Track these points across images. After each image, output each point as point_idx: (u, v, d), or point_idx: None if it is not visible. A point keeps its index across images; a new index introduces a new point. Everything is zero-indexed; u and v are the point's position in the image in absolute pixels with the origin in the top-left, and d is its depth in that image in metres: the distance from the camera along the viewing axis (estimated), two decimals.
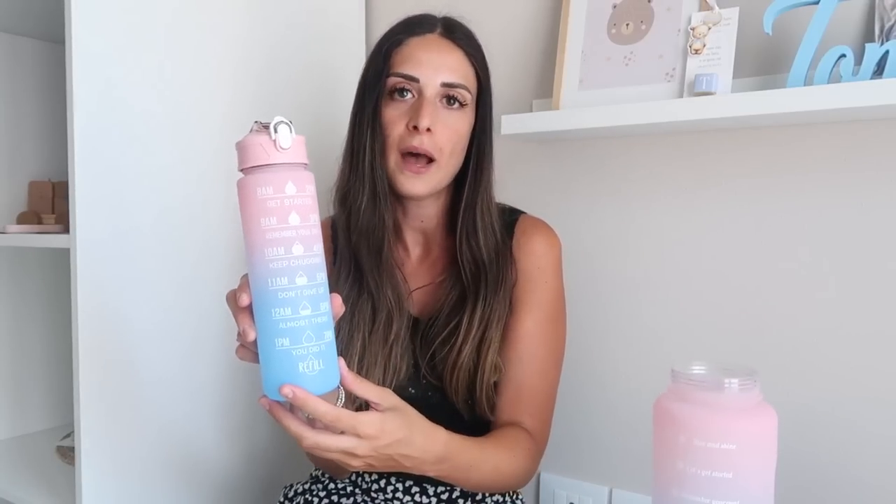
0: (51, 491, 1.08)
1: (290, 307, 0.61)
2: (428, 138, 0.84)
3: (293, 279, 0.61)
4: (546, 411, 0.92)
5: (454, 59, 0.87)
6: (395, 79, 0.86)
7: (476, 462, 0.79)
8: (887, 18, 0.86)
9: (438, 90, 0.86)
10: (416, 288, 0.93)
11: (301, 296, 0.61)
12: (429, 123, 0.83)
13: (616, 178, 1.10)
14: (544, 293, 0.91)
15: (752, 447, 0.64)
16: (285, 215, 0.61)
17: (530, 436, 0.89)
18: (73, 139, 0.90)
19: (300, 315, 0.61)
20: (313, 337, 0.62)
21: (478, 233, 0.89)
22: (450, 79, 0.86)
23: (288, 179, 0.61)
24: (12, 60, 1.38)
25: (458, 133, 0.87)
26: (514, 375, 0.89)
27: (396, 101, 0.87)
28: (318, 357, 0.62)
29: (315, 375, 0.62)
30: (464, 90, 0.87)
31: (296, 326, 0.61)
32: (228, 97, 1.09)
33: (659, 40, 1.00)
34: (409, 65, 0.86)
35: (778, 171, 0.97)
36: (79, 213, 0.91)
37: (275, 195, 0.61)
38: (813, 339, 0.96)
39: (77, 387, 0.92)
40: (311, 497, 0.94)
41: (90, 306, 0.93)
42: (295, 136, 0.61)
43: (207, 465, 1.10)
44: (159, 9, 0.99)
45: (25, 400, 1.42)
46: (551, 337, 0.92)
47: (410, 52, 0.87)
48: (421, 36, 0.88)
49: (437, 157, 0.86)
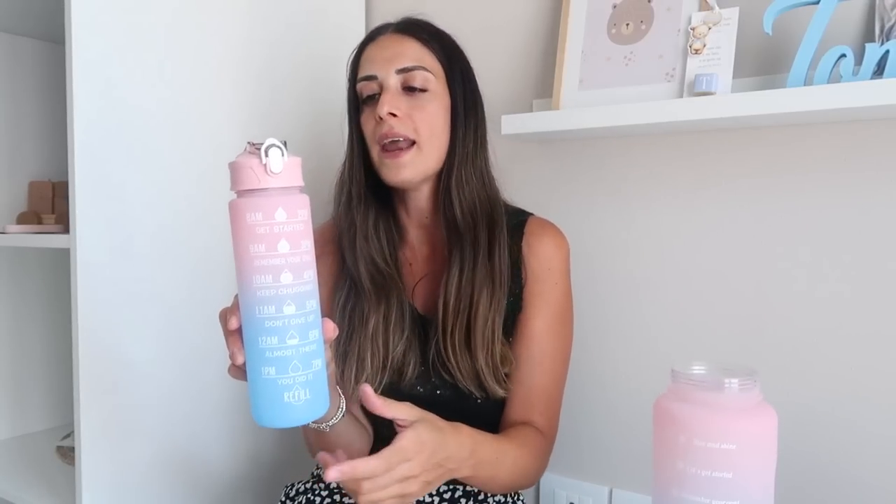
0: (51, 491, 1.08)
1: (277, 336, 0.60)
2: (397, 122, 0.87)
3: (280, 308, 0.60)
4: (555, 409, 0.94)
5: (406, 47, 0.90)
6: (360, 84, 0.91)
7: (499, 455, 0.82)
8: (887, 18, 0.86)
9: (396, 79, 0.88)
10: (417, 280, 0.95)
11: (289, 325, 0.60)
12: (388, 108, 0.86)
13: (616, 178, 1.10)
14: (553, 293, 0.93)
15: (752, 447, 0.64)
16: (274, 243, 0.59)
17: (541, 434, 0.90)
18: (73, 139, 0.90)
19: (287, 345, 0.60)
20: (300, 367, 0.61)
21: (454, 207, 0.90)
22: (403, 64, 0.88)
23: (278, 205, 0.59)
24: (12, 60, 1.38)
25: (430, 114, 0.88)
26: (525, 374, 0.91)
27: (368, 106, 0.91)
28: (304, 386, 0.61)
29: (300, 405, 0.61)
30: (422, 71, 0.88)
31: (282, 356, 0.60)
32: (228, 97, 1.09)
33: (659, 40, 1.00)
34: (365, 66, 0.91)
35: (778, 171, 0.97)
36: (79, 213, 0.91)
37: (264, 221, 0.59)
38: (813, 339, 0.96)
39: (77, 387, 0.92)
40: (313, 496, 0.94)
41: (90, 306, 0.93)
42: (288, 158, 0.60)
43: (208, 464, 1.10)
44: (159, 9, 0.99)
45: (25, 400, 1.42)
46: (560, 336, 0.94)
47: (367, 55, 0.92)
48: (375, 40, 0.92)
49: (416, 138, 0.88)
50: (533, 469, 0.89)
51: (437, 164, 0.90)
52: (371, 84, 0.89)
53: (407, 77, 0.88)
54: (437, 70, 0.90)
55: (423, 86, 0.88)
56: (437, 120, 0.89)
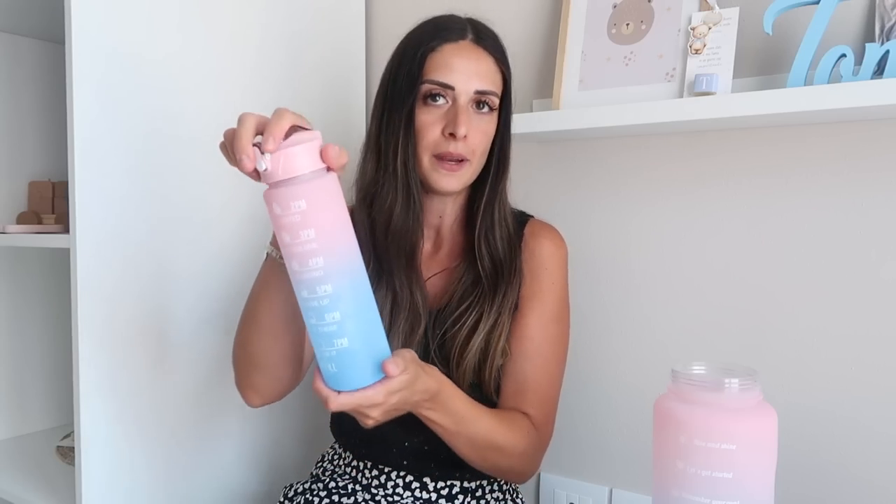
0: (51, 491, 1.08)
1: (316, 315, 0.68)
2: (463, 144, 0.88)
3: (313, 290, 0.67)
4: (549, 406, 0.93)
5: (486, 67, 0.89)
6: (429, 85, 0.88)
7: (469, 416, 0.82)
8: (887, 18, 0.86)
9: (472, 97, 0.88)
10: (428, 277, 0.95)
11: (322, 306, 0.67)
12: (465, 132, 0.87)
13: (616, 178, 1.10)
14: (550, 293, 0.93)
15: (752, 447, 0.64)
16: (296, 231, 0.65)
17: (532, 422, 0.90)
18: (73, 139, 0.90)
19: (326, 321, 0.67)
20: (323, 345, 0.68)
21: (495, 228, 0.92)
22: (482, 86, 0.88)
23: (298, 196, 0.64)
24: (12, 60, 1.38)
25: (487, 135, 0.91)
26: (517, 370, 0.91)
27: (430, 106, 0.89)
28: (329, 361, 0.69)
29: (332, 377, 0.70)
30: (494, 97, 0.90)
31: (326, 332, 0.68)
32: (228, 96, 1.09)
33: (659, 40, 1.00)
34: (444, 72, 0.88)
35: (778, 171, 0.97)
36: (79, 213, 0.91)
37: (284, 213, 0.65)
38: (813, 339, 0.96)
39: (77, 387, 0.92)
40: (312, 497, 0.94)
41: (90, 306, 0.93)
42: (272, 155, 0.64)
43: (208, 464, 1.10)
44: (159, 9, 0.99)
45: (25, 400, 1.42)
46: (555, 335, 0.94)
47: (444, 59, 0.88)
48: (454, 43, 0.89)
49: (470, 158, 0.89)
50: (518, 451, 0.87)
51: (476, 176, 0.92)
52: (443, 90, 0.88)
53: (481, 98, 0.89)
54: (500, 92, 0.92)
55: (493, 106, 0.90)
56: (488, 140, 0.91)
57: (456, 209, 0.96)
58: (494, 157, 0.93)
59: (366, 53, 1.35)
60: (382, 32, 1.35)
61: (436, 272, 0.96)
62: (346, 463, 0.98)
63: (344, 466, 0.98)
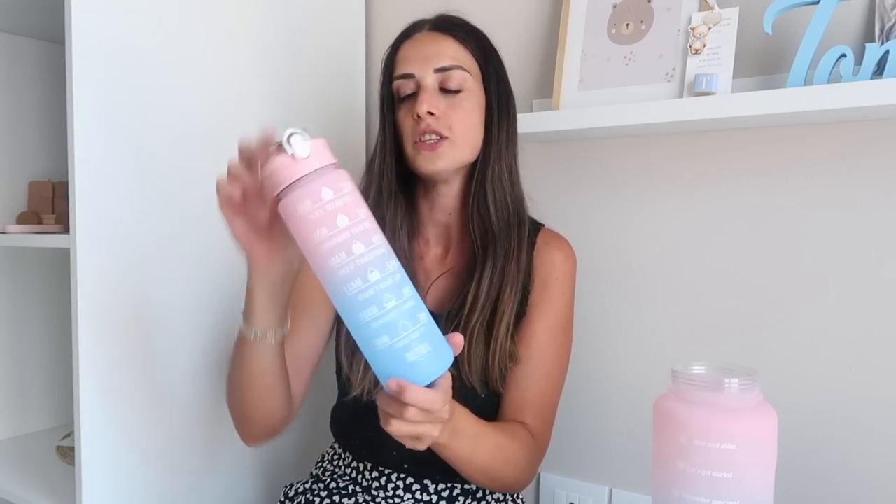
0: (51, 491, 1.08)
1: (375, 305, 0.60)
2: (433, 121, 0.88)
3: (365, 278, 0.60)
4: (548, 414, 0.94)
5: (444, 46, 0.90)
6: (396, 82, 0.91)
7: (480, 433, 0.80)
8: (887, 18, 0.86)
9: (434, 77, 0.89)
10: (435, 278, 0.95)
11: (381, 290, 0.60)
12: (427, 108, 0.88)
13: (616, 178, 1.10)
14: (557, 301, 0.94)
15: (752, 447, 0.64)
16: (333, 221, 0.60)
17: (531, 433, 0.90)
18: (73, 139, 0.90)
19: (387, 309, 0.60)
20: (409, 325, 0.61)
21: (488, 202, 0.92)
22: (441, 63, 0.89)
23: (322, 186, 0.60)
24: (12, 60, 1.38)
25: (466, 112, 0.90)
26: (521, 375, 0.91)
27: (405, 103, 0.91)
28: (421, 341, 0.62)
29: (425, 360, 0.62)
30: (459, 70, 0.89)
31: (388, 321, 0.60)
32: (228, 97, 1.09)
33: (659, 40, 1.00)
34: (403, 64, 0.91)
35: (778, 171, 0.97)
36: (79, 213, 0.91)
37: (314, 206, 0.60)
38: (813, 338, 0.96)
39: (77, 387, 0.92)
40: (312, 497, 0.94)
41: (90, 306, 0.93)
42: (311, 141, 0.61)
43: (208, 465, 1.10)
44: (159, 9, 0.99)
45: (25, 400, 1.42)
46: (559, 343, 0.95)
47: (403, 53, 0.92)
48: (411, 38, 0.93)
49: (448, 134, 0.89)
50: (520, 462, 0.87)
51: (471, 156, 0.92)
52: (408, 83, 0.90)
53: (444, 77, 0.89)
54: (474, 69, 0.91)
55: (460, 86, 0.90)
56: (473, 118, 0.91)
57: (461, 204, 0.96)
58: (484, 135, 0.92)
59: (366, 52, 1.34)
60: (382, 31, 1.35)
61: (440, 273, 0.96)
62: (345, 464, 0.98)
63: (343, 467, 0.98)
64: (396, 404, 0.64)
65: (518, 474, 0.88)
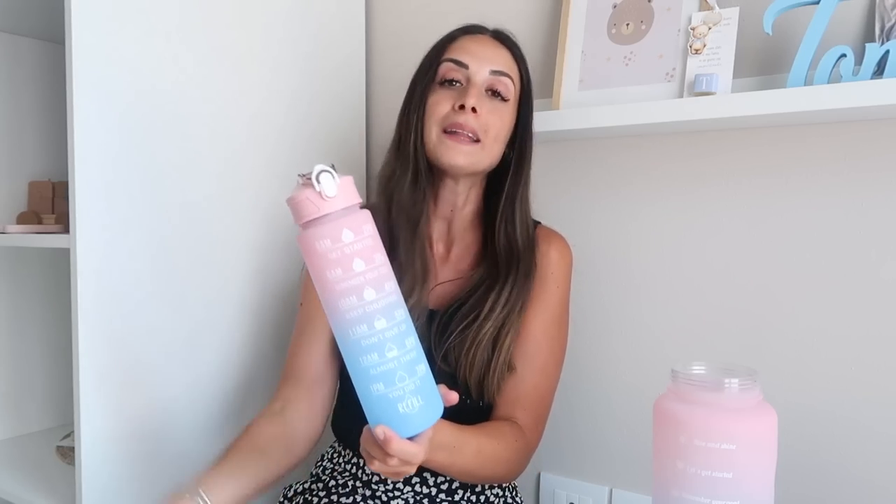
0: (51, 491, 1.08)
1: (377, 352, 0.62)
2: (473, 118, 0.88)
3: (372, 325, 0.61)
4: (541, 409, 0.94)
5: (502, 55, 0.93)
6: (447, 64, 0.92)
7: (458, 444, 0.81)
8: (887, 18, 0.86)
9: (486, 78, 0.91)
10: (439, 283, 0.95)
11: (384, 339, 0.62)
12: (475, 103, 0.88)
13: (616, 178, 1.10)
14: (553, 297, 0.95)
15: (752, 447, 0.64)
16: (349, 264, 0.61)
17: (521, 430, 0.90)
18: (73, 139, 0.90)
19: (387, 358, 0.62)
20: (406, 376, 0.63)
21: (516, 222, 0.94)
22: (496, 66, 0.91)
23: (343, 227, 0.61)
24: (12, 60, 1.38)
25: (501, 120, 0.92)
26: (516, 370, 0.91)
27: (445, 89, 0.92)
28: (415, 394, 0.63)
29: (416, 413, 0.63)
30: (509, 80, 0.92)
31: (386, 370, 0.62)
32: (228, 96, 1.09)
33: (659, 40, 1.00)
34: (460, 53, 0.92)
35: (778, 171, 0.97)
36: (79, 213, 0.91)
37: (334, 246, 0.61)
38: (813, 338, 0.95)
39: (77, 387, 0.92)
40: (311, 496, 0.94)
41: (90, 306, 0.93)
42: (339, 179, 0.61)
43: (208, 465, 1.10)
44: (159, 9, 0.99)
45: (25, 400, 1.42)
46: (554, 339, 0.95)
47: (462, 44, 0.93)
48: (473, 35, 0.94)
49: (482, 138, 0.90)
50: (504, 460, 0.87)
51: (489, 164, 0.93)
52: (460, 71, 0.91)
53: (496, 80, 0.91)
54: (517, 85, 0.94)
55: (506, 94, 0.92)
56: (505, 128, 0.93)
57: (469, 203, 0.96)
58: (515, 153, 0.95)
59: (366, 52, 1.34)
60: (382, 30, 1.35)
61: (449, 279, 0.96)
62: (345, 461, 0.98)
63: (344, 464, 0.98)
64: (380, 449, 0.66)
65: (501, 472, 0.89)
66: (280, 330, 1.17)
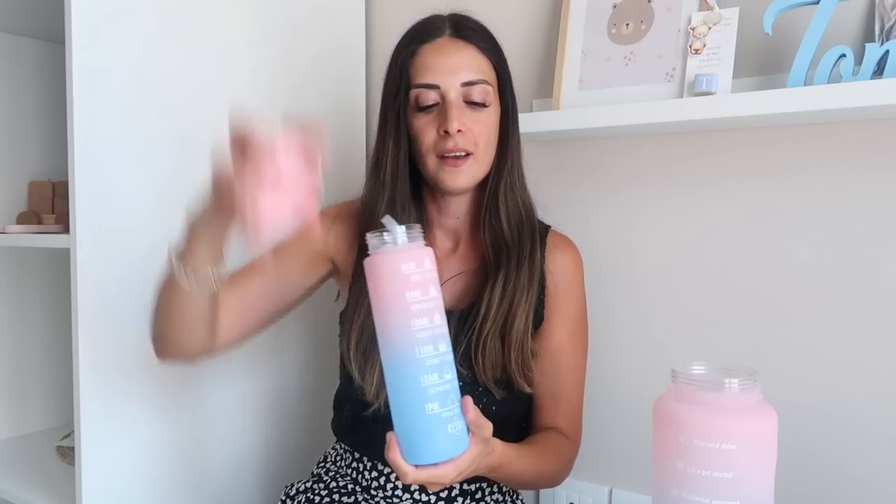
0: (51, 491, 1.08)
1: (437, 373, 0.66)
2: (461, 138, 0.87)
3: (437, 346, 0.67)
4: (579, 415, 0.98)
5: (468, 58, 0.89)
6: (417, 90, 0.88)
7: (524, 469, 0.85)
8: (887, 18, 0.86)
9: (460, 91, 0.88)
10: (447, 278, 0.95)
11: (444, 361, 0.67)
12: (458, 126, 0.86)
13: (616, 178, 1.10)
14: (575, 306, 0.97)
15: (752, 447, 0.64)
16: (427, 288, 0.67)
17: (568, 440, 0.95)
18: (73, 139, 0.90)
19: (445, 379, 0.67)
20: (455, 399, 0.68)
21: (500, 216, 0.92)
22: (468, 77, 0.88)
23: (424, 255, 0.68)
24: (12, 60, 1.38)
25: (488, 126, 0.90)
26: (551, 385, 0.95)
27: (425, 114, 0.89)
28: (459, 418, 0.68)
29: (458, 435, 0.68)
30: (484, 85, 0.89)
31: (443, 391, 0.67)
32: (228, 96, 1.09)
33: (659, 40, 1.00)
34: (426, 74, 0.88)
35: (778, 171, 0.97)
36: (79, 213, 0.91)
37: (417, 269, 0.66)
38: (813, 338, 0.96)
39: (77, 387, 0.92)
40: (313, 496, 0.94)
41: (90, 306, 0.93)
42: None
43: (208, 465, 1.10)
44: (159, 9, 0.99)
45: (25, 400, 1.42)
46: (581, 346, 0.98)
47: (424, 60, 0.89)
48: (431, 42, 0.89)
49: (474, 150, 0.89)
50: (560, 473, 0.95)
51: (487, 169, 0.92)
52: (431, 93, 0.88)
53: (470, 91, 0.88)
54: (494, 80, 0.91)
55: (484, 100, 0.89)
56: (493, 131, 0.91)
57: (472, 208, 0.96)
58: (498, 145, 0.92)
59: (366, 52, 1.34)
60: (382, 29, 1.35)
61: (456, 273, 0.96)
62: (346, 463, 0.98)
63: (345, 467, 0.98)
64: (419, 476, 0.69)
65: (558, 480, 0.96)
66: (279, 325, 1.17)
